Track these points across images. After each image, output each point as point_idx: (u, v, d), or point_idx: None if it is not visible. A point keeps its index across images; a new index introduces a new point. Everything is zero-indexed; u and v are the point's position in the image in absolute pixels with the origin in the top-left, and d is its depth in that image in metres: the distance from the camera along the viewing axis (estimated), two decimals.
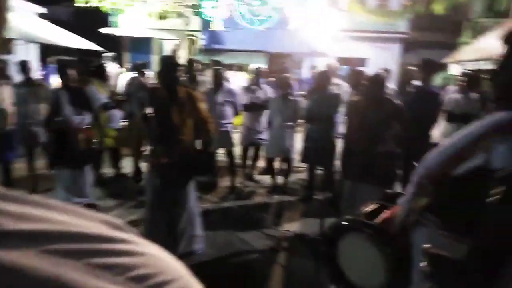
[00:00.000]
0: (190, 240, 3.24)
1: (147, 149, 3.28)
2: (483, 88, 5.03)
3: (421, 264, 0.99)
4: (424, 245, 0.98)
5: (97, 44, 10.79)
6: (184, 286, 0.24)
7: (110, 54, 8.47)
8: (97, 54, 9.59)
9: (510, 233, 1.17)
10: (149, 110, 3.04)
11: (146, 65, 6.28)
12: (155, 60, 15.70)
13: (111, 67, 8.11)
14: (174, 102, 3.04)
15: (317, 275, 2.86)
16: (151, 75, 7.93)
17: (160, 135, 3.03)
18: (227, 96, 4.95)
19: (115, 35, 14.26)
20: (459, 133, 1.37)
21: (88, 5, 11.16)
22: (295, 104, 4.86)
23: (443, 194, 1.37)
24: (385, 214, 1.62)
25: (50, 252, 0.21)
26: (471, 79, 4.88)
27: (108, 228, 0.27)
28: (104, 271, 0.22)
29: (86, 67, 5.06)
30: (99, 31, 13.15)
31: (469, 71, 5.84)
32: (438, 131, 5.15)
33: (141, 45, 15.69)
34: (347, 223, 1.61)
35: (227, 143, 5.13)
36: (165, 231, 3.13)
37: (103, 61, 8.22)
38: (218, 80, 5.01)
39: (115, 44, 14.69)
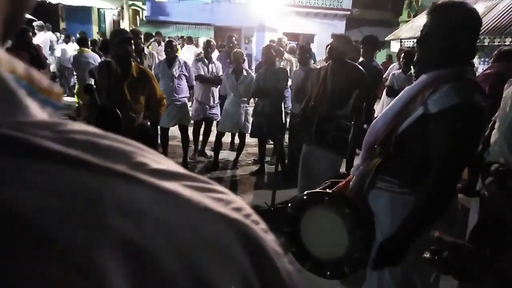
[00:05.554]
0: None
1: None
2: None
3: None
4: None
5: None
6: (257, 219, 0.30)
7: (39, 23, 7.88)
8: (28, 22, 8.80)
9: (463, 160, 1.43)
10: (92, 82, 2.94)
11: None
12: (94, 31, 14.75)
13: (40, 37, 7.54)
14: (126, 78, 3.00)
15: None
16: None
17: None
18: (182, 69, 4.81)
19: (49, 3, 13.13)
20: (396, 99, 1.56)
21: None
22: (247, 79, 4.86)
23: (391, 151, 1.49)
24: (341, 183, 1.72)
25: (185, 186, 0.26)
26: (408, 56, 4.96)
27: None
28: (219, 202, 0.27)
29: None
30: None
31: (406, 48, 6.17)
32: (380, 105, 5.47)
33: (79, 14, 14.63)
34: (307, 196, 1.64)
35: (184, 118, 5.04)
36: None
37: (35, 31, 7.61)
38: (172, 53, 4.85)
39: (48, 12, 13.55)
